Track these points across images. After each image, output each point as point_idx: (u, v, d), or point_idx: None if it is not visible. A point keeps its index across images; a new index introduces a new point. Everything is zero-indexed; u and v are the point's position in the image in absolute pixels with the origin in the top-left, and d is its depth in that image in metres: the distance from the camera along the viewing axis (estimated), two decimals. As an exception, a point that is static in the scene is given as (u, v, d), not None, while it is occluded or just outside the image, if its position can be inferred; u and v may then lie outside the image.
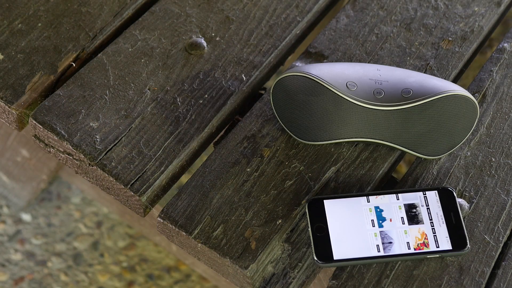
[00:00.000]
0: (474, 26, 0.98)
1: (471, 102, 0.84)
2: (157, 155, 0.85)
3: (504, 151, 0.89)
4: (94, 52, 0.93)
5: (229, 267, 0.79)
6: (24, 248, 1.43)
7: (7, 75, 0.89)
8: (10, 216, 1.47)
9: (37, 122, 0.86)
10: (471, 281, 0.79)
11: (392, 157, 0.87)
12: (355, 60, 0.94)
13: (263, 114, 0.89)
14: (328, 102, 0.83)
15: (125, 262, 1.43)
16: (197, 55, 0.93)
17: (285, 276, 0.79)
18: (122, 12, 0.96)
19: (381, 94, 0.83)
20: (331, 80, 0.83)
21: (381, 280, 0.79)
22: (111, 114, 0.87)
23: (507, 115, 0.92)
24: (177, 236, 0.81)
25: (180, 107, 0.88)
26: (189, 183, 0.84)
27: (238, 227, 0.81)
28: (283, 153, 0.86)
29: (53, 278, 1.40)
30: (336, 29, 0.97)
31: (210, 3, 0.97)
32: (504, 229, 0.83)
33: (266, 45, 0.94)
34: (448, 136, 0.85)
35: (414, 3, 1.00)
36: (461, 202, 0.83)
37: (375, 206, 0.82)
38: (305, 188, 0.84)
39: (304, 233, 0.81)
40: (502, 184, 0.86)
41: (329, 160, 0.86)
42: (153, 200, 0.84)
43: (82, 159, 0.84)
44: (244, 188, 0.84)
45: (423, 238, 0.80)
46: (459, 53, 0.96)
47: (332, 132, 0.85)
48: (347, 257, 0.79)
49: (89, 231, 1.46)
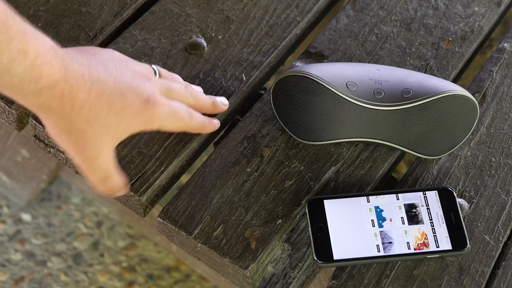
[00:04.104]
0: (474, 26, 0.98)
1: (471, 102, 0.84)
2: (157, 155, 0.85)
3: (504, 151, 0.89)
4: (94, 52, 0.93)
5: (229, 267, 0.79)
6: (24, 248, 1.44)
7: (7, 75, 0.89)
8: (10, 216, 1.47)
9: (37, 122, 0.86)
10: (471, 281, 0.79)
11: (392, 157, 0.87)
12: (355, 60, 0.94)
13: (263, 114, 0.89)
14: (328, 102, 0.83)
15: (125, 262, 1.43)
16: (197, 55, 0.93)
17: (285, 276, 0.79)
18: (122, 12, 0.96)
19: (381, 94, 0.83)
20: (331, 80, 0.83)
21: (381, 280, 0.79)
22: (111, 114, 0.87)
23: (507, 115, 0.92)
24: (177, 236, 0.81)
25: (180, 107, 0.88)
26: (189, 183, 0.84)
27: (238, 227, 0.81)
28: (283, 153, 0.86)
29: (53, 278, 1.40)
30: (336, 29, 0.97)
31: (210, 3, 0.97)
32: (504, 229, 0.83)
33: (266, 45, 0.94)
34: (448, 136, 0.85)
35: (414, 3, 1.00)
36: (461, 202, 0.83)
37: (375, 206, 0.82)
38: (305, 188, 0.84)
39: (304, 233, 0.81)
40: (502, 184, 0.86)
41: (329, 160, 0.86)
42: (153, 200, 0.84)
43: (82, 159, 0.84)
44: (244, 188, 0.84)
45: (423, 238, 0.80)
46: (459, 53, 0.96)
47: (332, 132, 0.85)
48: (347, 257, 0.79)
49: (89, 231, 1.46)
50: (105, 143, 0.74)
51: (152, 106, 0.75)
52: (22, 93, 0.69)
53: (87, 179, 0.77)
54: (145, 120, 0.75)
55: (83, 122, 0.72)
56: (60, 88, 0.69)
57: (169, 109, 0.77)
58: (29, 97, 0.69)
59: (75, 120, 0.71)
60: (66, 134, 0.73)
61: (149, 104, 0.75)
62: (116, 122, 0.73)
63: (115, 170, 0.77)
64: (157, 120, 0.76)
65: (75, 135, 0.73)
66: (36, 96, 0.69)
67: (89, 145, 0.73)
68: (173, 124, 0.79)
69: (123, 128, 0.74)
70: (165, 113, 0.76)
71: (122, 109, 0.73)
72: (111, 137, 0.74)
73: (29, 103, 0.71)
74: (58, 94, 0.69)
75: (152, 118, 0.76)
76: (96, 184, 0.77)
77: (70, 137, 0.73)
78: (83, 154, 0.74)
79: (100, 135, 0.73)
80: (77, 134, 0.73)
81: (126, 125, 0.74)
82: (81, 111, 0.71)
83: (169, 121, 0.78)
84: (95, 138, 0.73)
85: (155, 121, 0.76)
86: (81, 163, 0.75)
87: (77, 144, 0.73)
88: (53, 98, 0.69)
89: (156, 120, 0.76)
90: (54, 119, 0.72)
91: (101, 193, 0.78)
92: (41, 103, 0.70)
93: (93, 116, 0.72)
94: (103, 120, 0.72)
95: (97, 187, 0.78)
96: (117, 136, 0.75)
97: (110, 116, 0.73)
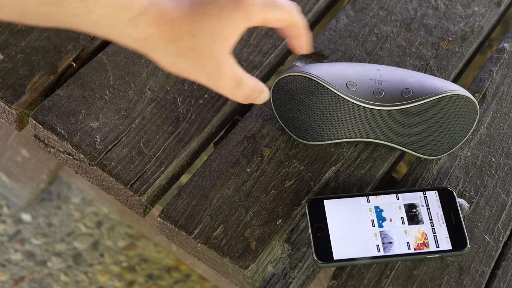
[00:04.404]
0: (474, 26, 0.98)
1: (471, 102, 0.84)
2: (157, 155, 0.85)
3: (504, 151, 0.89)
4: (94, 52, 0.93)
5: (229, 267, 0.79)
6: (24, 248, 1.44)
7: (7, 75, 0.89)
8: (10, 216, 1.47)
9: (37, 122, 0.86)
10: (471, 281, 0.79)
11: (392, 157, 0.87)
12: (355, 60, 0.94)
13: (263, 114, 0.89)
14: (328, 102, 0.83)
15: (125, 262, 1.43)
16: (197, 55, 0.93)
17: (285, 276, 0.79)
18: (122, 12, 0.96)
19: (381, 94, 0.83)
20: (331, 80, 0.83)
21: (381, 280, 0.79)
22: (111, 114, 0.87)
23: (507, 115, 0.92)
24: (177, 236, 0.81)
25: (180, 107, 0.88)
26: (189, 183, 0.84)
27: (238, 227, 0.81)
28: (283, 153, 0.86)
29: (53, 278, 1.40)
30: (336, 29, 0.97)
31: (210, 3, 0.97)
32: (504, 229, 0.83)
33: (266, 45, 0.94)
34: (448, 136, 0.85)
35: (414, 3, 1.00)
36: (461, 202, 0.83)
37: (375, 206, 0.82)
38: (305, 188, 0.84)
39: (304, 233, 0.81)
40: (502, 184, 0.86)
41: (329, 160, 0.86)
42: (153, 200, 0.84)
43: (82, 159, 0.84)
44: (244, 188, 0.84)
45: (423, 238, 0.80)
46: (459, 53, 0.96)
47: (332, 132, 0.85)
48: (347, 257, 0.79)
49: (89, 231, 1.46)
50: (219, 50, 0.72)
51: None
52: (119, 27, 0.68)
53: (224, 95, 0.75)
54: (245, 15, 0.72)
55: (189, 39, 0.70)
56: (152, 12, 0.68)
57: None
58: (127, 31, 0.68)
59: (179, 39, 0.70)
60: (178, 58, 0.72)
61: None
62: (219, 26, 0.71)
63: (243, 73, 0.75)
64: (256, 12, 0.73)
65: (187, 55, 0.71)
66: (133, 27, 0.68)
67: (204, 59, 0.72)
68: (276, 13, 0.75)
69: (229, 30, 0.72)
70: (262, 1, 0.73)
71: (219, 11, 0.71)
72: (221, 42, 0.72)
73: (130, 38, 0.70)
74: (153, 19, 0.68)
75: (250, 10, 0.73)
76: (233, 96, 0.75)
77: (183, 59, 0.72)
78: (203, 71, 0.73)
79: (210, 44, 0.71)
80: (188, 53, 0.71)
81: (229, 25, 0.72)
82: (182, 29, 0.70)
83: (269, 10, 0.74)
84: (207, 49, 0.71)
85: (254, 13, 0.73)
86: (207, 81, 0.74)
87: (192, 64, 0.72)
88: (150, 25, 0.68)
89: (255, 12, 0.73)
90: (160, 48, 0.70)
91: (244, 101, 0.77)
92: (141, 34, 0.69)
93: (195, 29, 0.70)
94: (206, 28, 0.71)
95: (237, 99, 0.76)
96: (227, 39, 0.73)
97: (211, 23, 0.71)
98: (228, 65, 0.73)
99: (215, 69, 0.73)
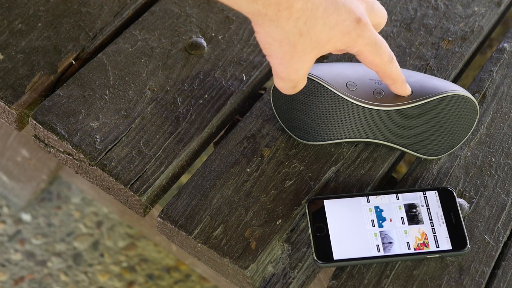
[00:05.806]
0: (474, 26, 0.98)
1: (471, 102, 0.84)
2: (157, 155, 0.85)
3: (504, 151, 0.89)
4: (94, 52, 0.93)
5: (229, 267, 0.79)
6: (24, 248, 1.44)
7: (7, 75, 0.89)
8: (10, 216, 1.47)
9: (37, 122, 0.86)
10: (471, 281, 0.79)
11: (392, 157, 0.88)
12: (355, 60, 0.94)
13: (263, 114, 0.89)
14: (328, 102, 0.83)
15: (125, 262, 1.43)
16: (197, 55, 0.93)
17: (285, 276, 0.79)
18: (122, 12, 0.96)
19: (381, 94, 0.83)
20: (331, 80, 0.83)
21: (381, 280, 0.79)
22: (111, 114, 0.87)
23: (507, 115, 0.92)
24: (177, 236, 0.81)
25: (180, 107, 0.88)
26: (189, 183, 0.84)
27: (238, 227, 0.81)
28: (283, 153, 0.86)
29: (53, 278, 1.40)
30: (336, 29, 0.97)
31: (210, 3, 0.97)
32: (504, 229, 0.83)
33: (266, 45, 0.94)
34: (448, 136, 0.85)
35: (414, 3, 1.00)
36: (461, 202, 0.83)
37: (375, 206, 0.82)
38: (305, 188, 0.84)
39: (304, 233, 0.81)
40: (502, 184, 0.86)
41: (329, 160, 0.86)
42: (153, 200, 0.84)
43: (82, 159, 0.84)
44: (244, 188, 0.84)
45: (423, 238, 0.80)
46: (459, 53, 0.96)
47: (332, 132, 0.85)
48: (347, 257, 0.79)
49: (89, 231, 1.46)
50: (311, 58, 0.73)
51: (362, 27, 0.73)
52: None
53: (274, 80, 0.77)
54: (351, 40, 0.73)
55: (297, 35, 0.71)
56: None
57: (374, 37, 0.75)
58: (243, 3, 0.69)
59: (289, 31, 0.71)
60: (277, 44, 0.72)
61: (360, 24, 0.73)
62: (327, 38, 0.72)
63: (305, 78, 0.76)
64: (360, 43, 0.74)
65: (286, 47, 0.72)
66: (251, 3, 0.69)
67: (295, 59, 0.73)
68: (371, 56, 0.76)
69: (331, 45, 0.73)
70: (370, 39, 0.74)
71: (336, 25, 0.72)
72: (317, 52, 0.73)
73: (244, 9, 0.70)
74: (274, 2, 0.69)
75: (357, 39, 0.74)
76: (280, 88, 0.77)
77: (280, 48, 0.72)
78: (287, 66, 0.74)
79: (309, 49, 0.72)
80: (288, 46, 0.72)
81: (334, 42, 0.73)
82: (297, 23, 0.71)
83: (370, 49, 0.75)
84: (304, 52, 0.72)
85: (358, 43, 0.74)
86: (280, 73, 0.75)
87: (284, 55, 0.73)
88: (269, 5, 0.69)
89: (359, 43, 0.74)
90: (268, 27, 0.71)
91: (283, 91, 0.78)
92: (256, 10, 0.70)
93: (307, 29, 0.71)
94: (315, 34, 0.71)
95: (280, 88, 0.77)
96: (322, 52, 0.74)
97: (324, 32, 0.72)
98: (304, 73, 0.75)
99: (295, 72, 0.74)
